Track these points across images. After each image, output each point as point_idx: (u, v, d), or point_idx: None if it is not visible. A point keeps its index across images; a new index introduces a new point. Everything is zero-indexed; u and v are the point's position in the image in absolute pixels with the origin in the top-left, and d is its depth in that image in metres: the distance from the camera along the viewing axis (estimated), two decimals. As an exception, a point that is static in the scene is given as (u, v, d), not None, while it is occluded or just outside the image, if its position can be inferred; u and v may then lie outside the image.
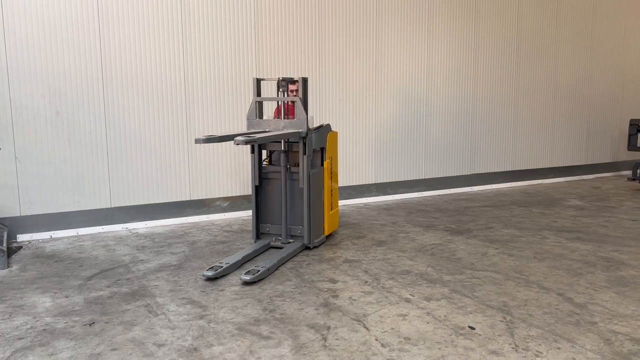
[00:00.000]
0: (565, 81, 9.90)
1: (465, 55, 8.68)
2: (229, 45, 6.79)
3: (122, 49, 6.19)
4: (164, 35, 6.40)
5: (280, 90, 5.28)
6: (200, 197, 6.81)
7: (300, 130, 5.13)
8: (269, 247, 5.45)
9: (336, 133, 5.82)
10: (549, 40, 9.58)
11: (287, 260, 5.01)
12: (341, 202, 7.70)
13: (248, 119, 5.38)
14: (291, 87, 5.80)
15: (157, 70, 6.40)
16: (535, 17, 9.36)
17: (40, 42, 5.77)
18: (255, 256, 5.18)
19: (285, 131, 5.00)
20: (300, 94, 5.24)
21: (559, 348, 3.21)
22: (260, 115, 5.43)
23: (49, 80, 5.85)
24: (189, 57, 6.56)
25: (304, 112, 5.15)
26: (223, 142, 6.86)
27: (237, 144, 4.26)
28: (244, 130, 6.97)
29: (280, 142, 5.35)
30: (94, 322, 3.64)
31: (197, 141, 4.35)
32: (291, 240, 5.45)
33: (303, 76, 5.27)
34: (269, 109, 6.94)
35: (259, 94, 5.41)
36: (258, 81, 5.41)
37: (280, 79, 5.25)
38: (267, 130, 5.25)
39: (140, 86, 6.33)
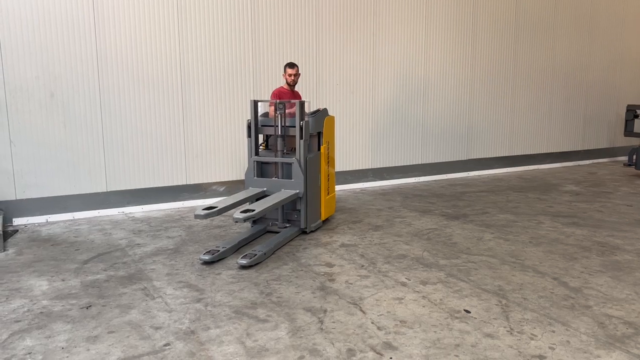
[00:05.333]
0: (563, 66, 9.87)
1: (463, 41, 8.62)
2: (226, 27, 6.72)
3: (117, 30, 6.12)
4: (159, 17, 6.32)
5: (278, 113, 5.25)
6: (196, 182, 6.80)
7: (297, 191, 5.15)
8: (265, 232, 5.45)
9: (333, 117, 5.79)
10: (547, 25, 9.53)
11: (284, 245, 5.02)
12: (338, 187, 7.70)
13: (246, 177, 5.38)
14: (290, 70, 5.76)
15: (153, 53, 6.33)
16: (534, 2, 9.29)
17: (34, 23, 5.70)
18: (252, 240, 5.19)
19: (283, 197, 4.98)
20: (297, 115, 5.19)
21: (553, 331, 3.23)
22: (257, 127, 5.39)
23: (42, 62, 5.79)
24: (185, 39, 6.49)
25: (301, 174, 5.16)
26: (220, 126, 6.83)
27: (236, 222, 4.25)
28: (243, 110, 6.94)
29: (277, 125, 5.33)
30: (90, 305, 3.64)
31: (196, 217, 4.28)
32: (288, 225, 5.45)
33: (301, 100, 5.26)
34: (265, 93, 6.91)
35: (256, 115, 5.35)
36: (255, 103, 5.35)
37: (278, 102, 5.22)
38: (264, 189, 5.27)
39: (136, 69, 6.27)
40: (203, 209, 4.38)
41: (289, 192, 5.16)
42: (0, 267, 4.47)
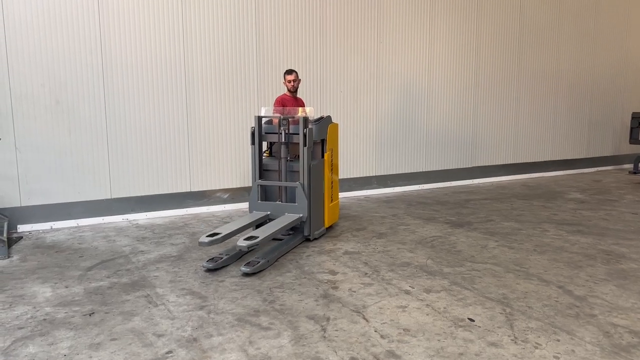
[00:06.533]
0: (567, 73, 9.86)
1: (467, 47, 8.64)
2: (230, 33, 6.76)
3: (122, 37, 6.16)
4: (164, 23, 6.36)
5: (282, 128, 5.28)
6: (200, 189, 6.81)
7: (301, 215, 5.20)
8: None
9: (337, 125, 5.80)
10: (551, 31, 9.53)
11: (287, 252, 5.01)
12: (341, 195, 7.69)
13: (250, 200, 5.42)
14: (289, 77, 5.82)
15: (157, 60, 6.37)
16: (538, 9, 9.30)
17: (40, 29, 5.75)
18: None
19: (287, 222, 5.00)
20: (300, 123, 5.21)
21: (558, 340, 3.21)
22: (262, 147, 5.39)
23: (48, 69, 5.83)
24: (189, 45, 6.53)
25: (305, 197, 5.19)
26: (224, 133, 6.85)
27: (240, 250, 4.27)
28: (248, 111, 6.97)
29: (281, 133, 5.33)
30: (93, 312, 3.64)
31: (200, 244, 4.31)
32: (291, 232, 5.45)
33: (305, 115, 5.30)
34: (269, 100, 6.93)
35: (260, 129, 5.37)
36: (259, 119, 5.37)
37: (282, 117, 5.26)
38: (268, 213, 5.31)
39: (141, 75, 6.30)
40: (207, 236, 4.43)
41: (292, 216, 5.20)
42: (5, 273, 4.48)
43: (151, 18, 6.28)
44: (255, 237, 4.43)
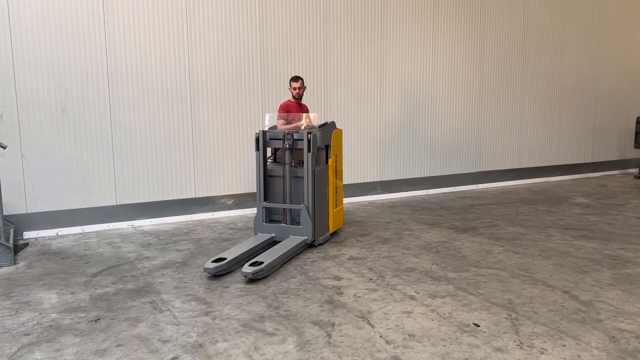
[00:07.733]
0: (572, 78, 9.85)
1: (471, 53, 8.65)
2: (234, 41, 6.80)
3: (128, 45, 6.20)
4: (169, 31, 6.41)
5: (286, 143, 5.30)
6: (205, 195, 6.83)
7: (305, 238, 5.23)
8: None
9: (341, 130, 5.81)
10: (555, 37, 9.53)
11: (292, 258, 5.01)
12: (346, 200, 7.69)
13: (255, 222, 5.47)
14: (294, 84, 5.84)
15: (162, 67, 6.41)
16: (542, 15, 9.31)
17: (45, 38, 5.80)
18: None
19: (292, 245, 5.01)
20: (305, 148, 5.23)
21: (564, 345, 3.20)
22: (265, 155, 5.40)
23: (54, 77, 5.88)
24: (193, 53, 6.57)
25: (309, 220, 5.23)
26: (228, 139, 6.88)
27: (246, 277, 4.30)
28: (250, 118, 6.99)
29: (283, 139, 5.35)
30: (99, 319, 3.66)
31: (206, 270, 4.37)
32: (296, 238, 5.45)
33: (309, 129, 5.35)
34: (274, 106, 6.96)
35: (265, 143, 5.41)
36: (264, 133, 5.40)
37: (286, 132, 5.29)
38: (273, 235, 5.35)
39: (146, 83, 6.34)
40: (212, 261, 4.50)
41: (297, 238, 5.21)
42: (11, 280, 4.50)
43: (156, 27, 6.33)
44: (261, 263, 4.47)
